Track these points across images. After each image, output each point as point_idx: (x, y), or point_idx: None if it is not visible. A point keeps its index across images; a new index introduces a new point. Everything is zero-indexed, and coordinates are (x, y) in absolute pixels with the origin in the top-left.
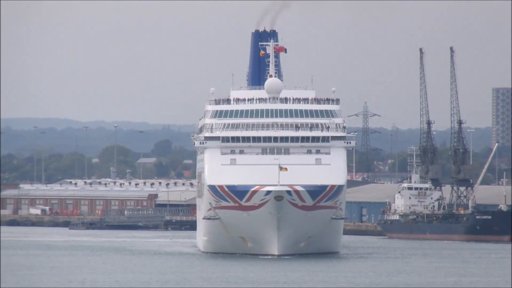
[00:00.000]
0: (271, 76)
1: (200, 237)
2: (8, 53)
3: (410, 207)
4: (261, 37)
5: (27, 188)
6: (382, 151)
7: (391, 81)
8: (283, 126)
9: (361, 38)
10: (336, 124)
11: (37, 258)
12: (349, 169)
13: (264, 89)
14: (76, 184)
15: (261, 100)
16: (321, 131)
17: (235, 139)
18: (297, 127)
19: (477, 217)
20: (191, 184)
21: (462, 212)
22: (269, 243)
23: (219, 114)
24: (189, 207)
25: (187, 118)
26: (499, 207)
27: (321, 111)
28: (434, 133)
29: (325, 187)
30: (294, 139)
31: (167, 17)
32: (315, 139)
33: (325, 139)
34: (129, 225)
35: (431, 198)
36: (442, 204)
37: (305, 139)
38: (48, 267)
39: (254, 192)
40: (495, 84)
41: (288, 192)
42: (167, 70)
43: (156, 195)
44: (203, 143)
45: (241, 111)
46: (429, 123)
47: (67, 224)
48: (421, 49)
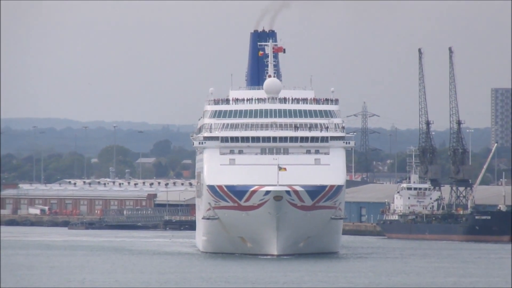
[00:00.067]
0: (270, 76)
1: (199, 237)
2: (7, 53)
3: (409, 207)
4: (260, 37)
5: (26, 188)
6: (381, 151)
7: (390, 82)
8: (282, 126)
9: (360, 38)
10: (335, 124)
11: (37, 258)
12: (348, 169)
13: (263, 89)
14: (75, 184)
15: (260, 100)
16: (320, 131)
17: (234, 139)
18: (296, 127)
19: (476, 217)
20: (190, 184)
21: (461, 212)
22: (268, 243)
23: (218, 114)
24: (188, 207)
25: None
26: (498, 208)
27: (320, 111)
28: (433, 133)
29: (324, 187)
30: (293, 139)
31: (167, 17)
32: (314, 139)
33: (324, 139)
34: (128, 225)
35: (430, 198)
36: (441, 204)
37: (304, 139)
38: (47, 267)
39: (253, 192)
40: (494, 85)
41: (287, 192)
42: (166, 70)
43: (155, 195)
44: (202, 143)
45: (240, 111)
46: (428, 123)
47: (66, 224)
48: (420, 50)
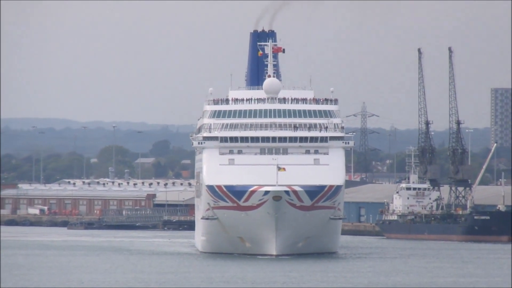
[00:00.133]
0: (269, 76)
1: (199, 237)
2: (7, 53)
3: (408, 208)
4: (259, 37)
5: (25, 188)
6: (380, 151)
7: (389, 82)
8: (281, 126)
9: (359, 39)
10: (334, 124)
11: (36, 258)
12: (347, 169)
13: (262, 89)
14: (74, 184)
15: (259, 100)
16: (320, 131)
17: (233, 139)
18: (295, 127)
19: (476, 217)
20: (189, 184)
21: (461, 212)
22: (267, 243)
23: (217, 114)
24: (187, 207)
25: (185, 118)
26: (497, 208)
27: (319, 111)
28: (432, 133)
29: (323, 187)
30: (293, 139)
31: (166, 17)
32: (313, 139)
33: (323, 139)
34: (128, 225)
35: (430, 199)
36: (441, 204)
37: (303, 139)
38: (46, 267)
39: (252, 192)
40: (493, 85)
41: (287, 192)
42: (165, 70)
43: (154, 195)
44: (201, 143)
45: (240, 111)
46: (427, 123)
47: (65, 224)
48: (419, 50)
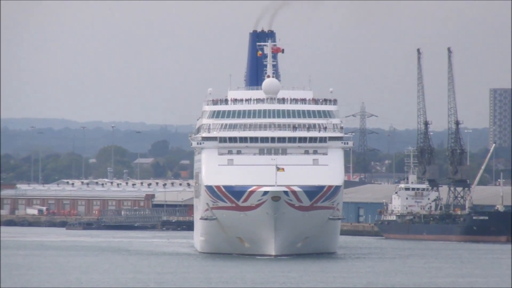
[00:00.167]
0: (268, 76)
1: (197, 237)
2: (6, 53)
3: (407, 208)
4: (258, 37)
5: (24, 188)
6: (379, 151)
7: (388, 82)
8: (280, 127)
9: (359, 39)
10: (333, 124)
11: (35, 258)
12: (346, 169)
13: (261, 89)
14: (73, 184)
15: (258, 100)
16: (319, 132)
17: (232, 139)
18: (294, 127)
19: (474, 217)
20: (188, 185)
21: (459, 212)
22: (266, 243)
23: (216, 115)
24: (186, 208)
25: (184, 118)
26: (496, 208)
27: (318, 111)
28: (431, 133)
29: (322, 187)
30: (292, 139)
31: (165, 18)
32: (312, 139)
33: (322, 139)
34: (126, 225)
35: (428, 199)
36: (439, 204)
37: (302, 139)
38: (45, 267)
39: (251, 192)
40: (492, 85)
41: (285, 192)
42: (164, 71)
43: (153, 196)
44: (200, 143)
45: (239, 111)
46: (426, 123)
47: (64, 224)
48: (418, 50)
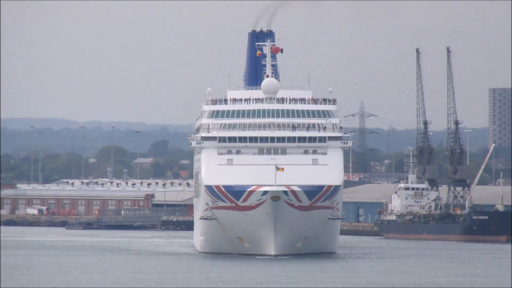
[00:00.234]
0: (267, 76)
1: (197, 237)
2: (5, 52)
3: (406, 207)
4: (258, 37)
5: (24, 188)
6: (378, 151)
7: (388, 82)
8: (279, 126)
9: (358, 38)
10: (333, 124)
11: (35, 258)
12: (345, 169)
13: (261, 89)
14: (73, 184)
15: (258, 100)
16: (318, 131)
17: (231, 139)
18: (293, 127)
19: (474, 217)
20: (188, 184)
21: (459, 212)
22: (266, 243)
23: (215, 114)
24: (185, 207)
25: (183, 118)
26: (496, 208)
27: (317, 111)
28: (430, 133)
29: (321, 187)
30: (291, 139)
31: (164, 18)
32: (311, 139)
33: (321, 139)
34: (126, 225)
35: (428, 199)
36: (439, 204)
37: (302, 139)
38: (45, 267)
39: (251, 192)
40: (491, 85)
41: (285, 192)
42: (164, 70)
43: (152, 195)
44: (200, 143)
45: (238, 111)
46: (425, 123)
47: (64, 224)
48: (418, 50)
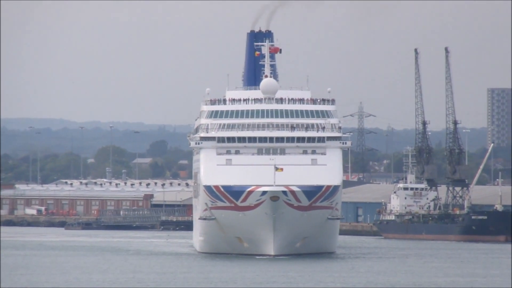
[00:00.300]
0: (266, 76)
1: (196, 237)
2: (4, 52)
3: (405, 207)
4: (256, 37)
5: (22, 188)
6: (377, 151)
7: (386, 82)
8: (278, 127)
9: (356, 38)
10: (331, 124)
11: (34, 258)
12: (344, 169)
13: (259, 89)
14: (71, 184)
15: (256, 100)
16: (317, 132)
17: (230, 139)
18: (292, 127)
19: (473, 217)
20: (187, 185)
21: (458, 212)
22: (265, 243)
23: (214, 115)
24: (184, 207)
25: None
26: (494, 207)
27: (316, 111)
28: (429, 133)
29: (320, 187)
30: (290, 139)
31: (163, 18)
32: (310, 139)
33: (320, 139)
34: (125, 225)
35: (427, 199)
36: (438, 204)
37: (300, 139)
38: (45, 267)
39: (250, 192)
40: (490, 85)
41: (284, 192)
42: (163, 71)
43: (151, 195)
44: (198, 143)
45: (237, 111)
46: (424, 123)
47: (63, 224)
48: (416, 50)
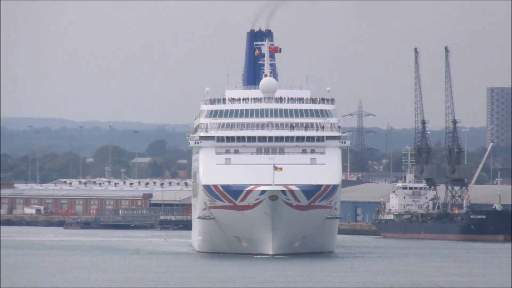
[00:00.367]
0: (266, 75)
1: (195, 236)
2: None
3: (404, 207)
4: (256, 36)
5: (21, 187)
6: (376, 150)
7: (386, 81)
8: (278, 126)
9: (356, 38)
10: (331, 123)
11: (33, 258)
12: (343, 168)
13: (259, 88)
14: (70, 183)
15: (256, 99)
16: (316, 131)
17: (230, 138)
18: (292, 126)
19: (472, 216)
20: (186, 184)
21: (457, 211)
22: (264, 242)
23: (214, 114)
24: (183, 207)
25: (181, 118)
26: (493, 207)
27: (316, 110)
28: (428, 132)
29: (319, 186)
30: (289, 138)
31: (163, 17)
32: (310, 138)
33: (320, 138)
34: (124, 224)
35: (426, 198)
36: (437, 203)
37: (300, 138)
38: (44, 266)
39: (249, 191)
40: (489, 84)
41: (283, 191)
42: (162, 70)
43: (150, 195)
44: (198, 142)
45: (236, 110)
46: (423, 122)
47: (61, 223)
48: (416, 49)
